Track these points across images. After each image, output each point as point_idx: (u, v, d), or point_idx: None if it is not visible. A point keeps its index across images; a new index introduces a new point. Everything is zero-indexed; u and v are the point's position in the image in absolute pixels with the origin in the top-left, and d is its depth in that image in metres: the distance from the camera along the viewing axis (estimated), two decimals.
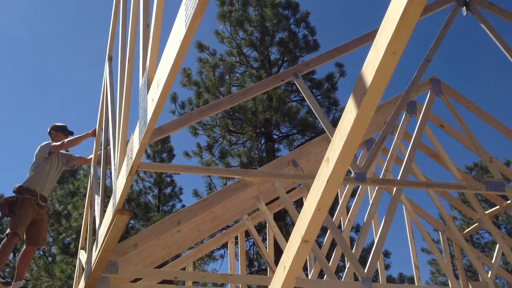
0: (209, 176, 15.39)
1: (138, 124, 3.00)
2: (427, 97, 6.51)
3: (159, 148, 18.13)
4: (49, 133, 6.13)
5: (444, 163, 7.04)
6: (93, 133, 5.97)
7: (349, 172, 5.85)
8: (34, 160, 5.84)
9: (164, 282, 7.49)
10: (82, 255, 5.84)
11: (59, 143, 5.87)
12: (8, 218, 5.69)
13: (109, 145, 4.60)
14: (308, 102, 5.60)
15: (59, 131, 6.11)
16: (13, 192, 5.59)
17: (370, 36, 6.01)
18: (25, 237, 5.71)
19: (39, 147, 5.88)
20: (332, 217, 6.39)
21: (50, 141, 6.01)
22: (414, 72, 6.12)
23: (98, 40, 38.80)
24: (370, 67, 1.55)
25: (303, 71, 6.02)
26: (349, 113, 1.68)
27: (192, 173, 5.69)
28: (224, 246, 13.44)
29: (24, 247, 5.69)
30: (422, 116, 6.29)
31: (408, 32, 1.42)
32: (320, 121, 5.43)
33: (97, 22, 38.91)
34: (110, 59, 5.45)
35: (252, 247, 15.67)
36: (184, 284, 9.82)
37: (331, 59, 6.29)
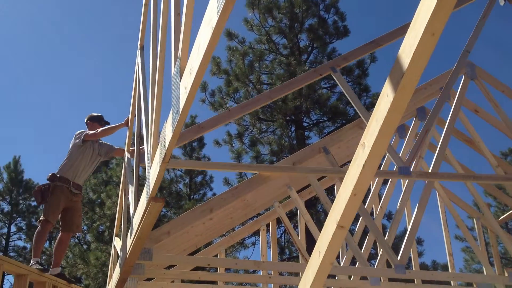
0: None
1: (171, 113, 3.02)
2: (461, 82, 6.37)
3: None
4: (86, 123, 6.22)
5: (478, 149, 6.91)
6: (127, 123, 6.02)
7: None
8: (69, 148, 5.95)
9: (196, 269, 7.59)
10: (117, 243, 5.94)
11: (93, 131, 5.96)
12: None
13: (141, 134, 4.66)
14: (347, 96, 5.56)
15: (95, 121, 6.18)
16: (47, 179, 5.70)
17: (406, 29, 5.90)
18: (60, 224, 5.84)
19: (74, 136, 5.99)
20: (364, 204, 6.35)
21: (86, 129, 6.11)
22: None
23: (102, 38, 39.14)
24: (407, 50, 1.53)
25: (340, 65, 5.96)
26: (386, 97, 1.66)
27: (221, 170, 5.69)
28: (256, 233, 13.53)
29: (60, 234, 5.81)
30: (456, 101, 6.16)
31: (446, 12, 1.39)
32: (358, 111, 5.37)
33: (98, 21, 39.20)
34: (141, 48, 5.50)
35: (283, 234, 15.71)
36: (216, 271, 9.93)
37: (368, 52, 6.22)
